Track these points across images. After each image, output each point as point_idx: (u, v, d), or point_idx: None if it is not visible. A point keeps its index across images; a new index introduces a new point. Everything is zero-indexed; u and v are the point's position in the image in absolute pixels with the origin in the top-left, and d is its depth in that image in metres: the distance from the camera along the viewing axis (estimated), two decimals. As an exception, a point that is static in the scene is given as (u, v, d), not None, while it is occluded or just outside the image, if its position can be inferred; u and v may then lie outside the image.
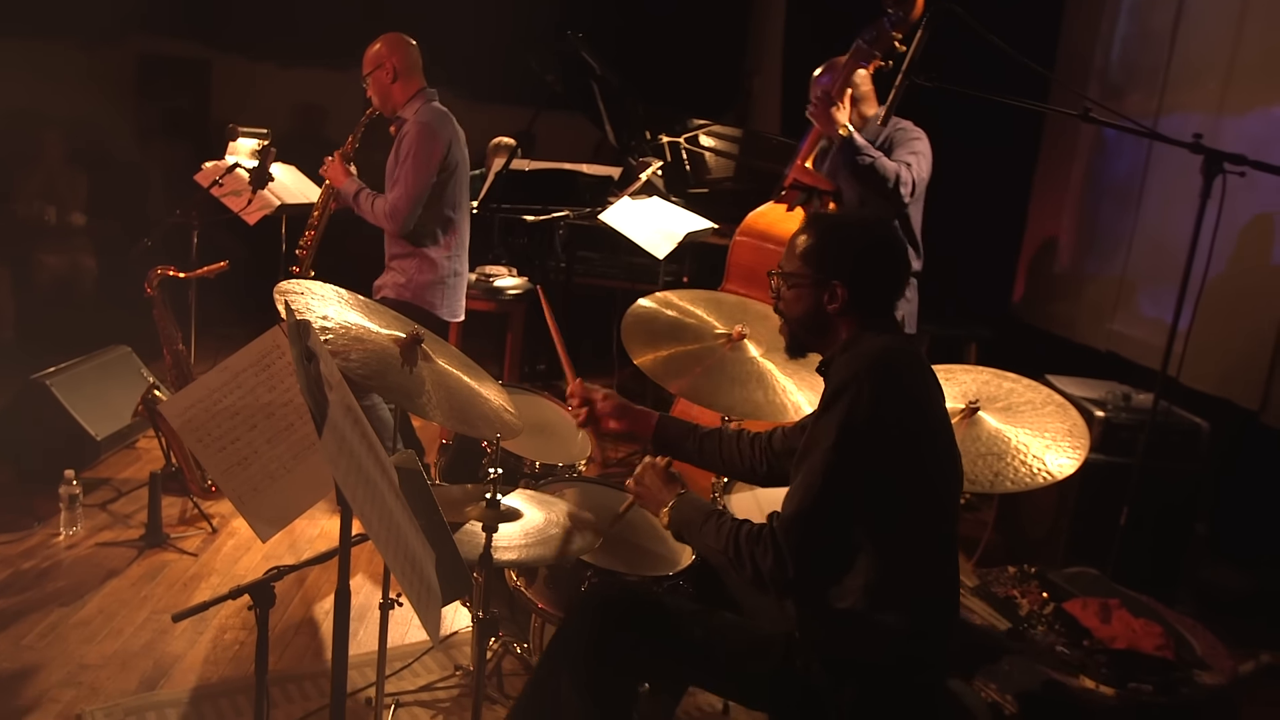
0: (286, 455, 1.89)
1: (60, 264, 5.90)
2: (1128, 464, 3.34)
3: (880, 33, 3.41)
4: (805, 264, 2.00)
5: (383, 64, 3.72)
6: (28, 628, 3.00)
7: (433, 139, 3.65)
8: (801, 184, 3.67)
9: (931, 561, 1.92)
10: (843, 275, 1.95)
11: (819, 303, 1.98)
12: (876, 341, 1.92)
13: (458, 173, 3.78)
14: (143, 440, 4.45)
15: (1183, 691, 2.23)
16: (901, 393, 1.86)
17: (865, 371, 1.83)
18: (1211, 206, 2.80)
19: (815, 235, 2.01)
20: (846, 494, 1.82)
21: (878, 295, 1.99)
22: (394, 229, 3.71)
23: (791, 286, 2.02)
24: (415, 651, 3.01)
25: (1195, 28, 4.46)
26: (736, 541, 1.91)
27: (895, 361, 1.88)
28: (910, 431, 1.85)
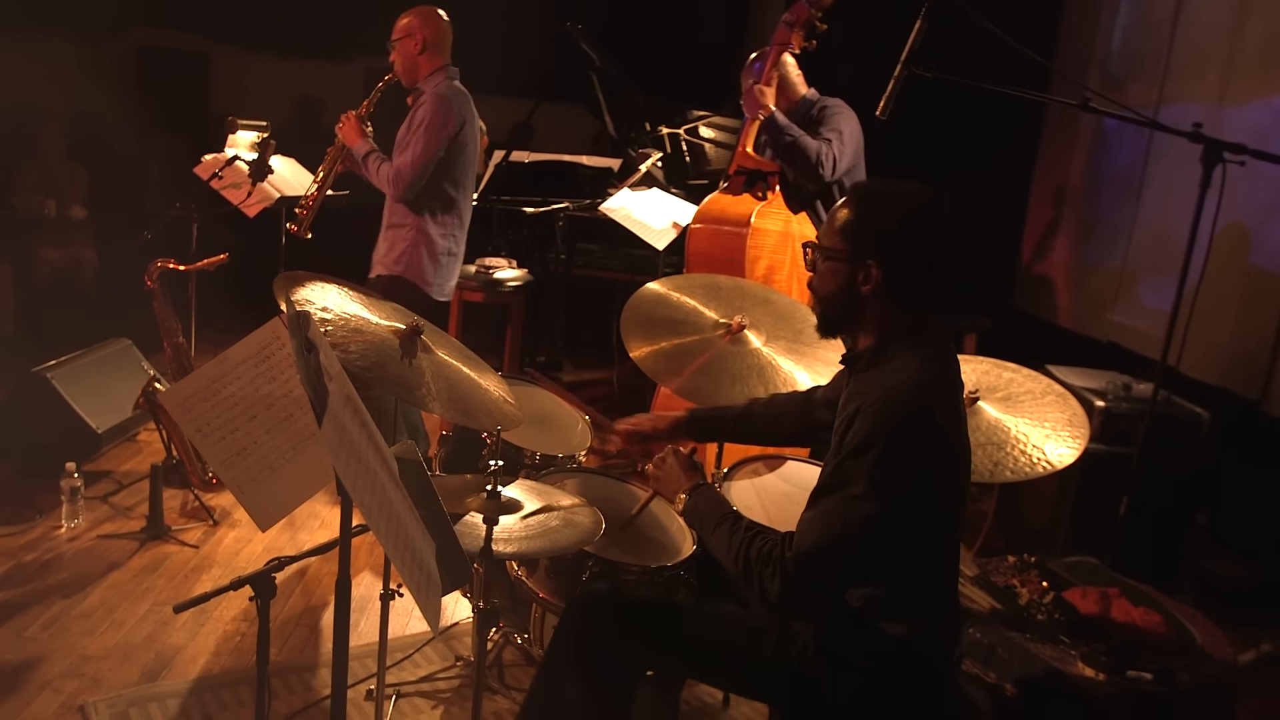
0: (286, 446, 1.90)
1: (60, 257, 5.90)
2: (1128, 453, 3.34)
3: (800, 14, 3.61)
4: (842, 238, 1.88)
5: (413, 34, 3.71)
6: (30, 619, 3.00)
7: (448, 112, 3.65)
8: (745, 169, 3.77)
9: (938, 566, 1.92)
10: (879, 255, 1.84)
11: (852, 281, 1.87)
12: (908, 365, 1.82)
13: (466, 152, 3.77)
14: (144, 433, 4.46)
15: (1182, 680, 2.23)
16: (933, 438, 1.80)
17: (900, 421, 1.75)
18: (1211, 196, 2.79)
19: (855, 208, 1.90)
20: (867, 537, 1.78)
21: (916, 286, 1.87)
22: (395, 194, 3.69)
23: (826, 260, 1.91)
24: (416, 642, 3.01)
25: (1196, 17, 4.45)
26: (747, 557, 1.87)
27: (928, 400, 1.80)
28: (937, 470, 1.82)
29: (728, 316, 2.82)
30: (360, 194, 4.48)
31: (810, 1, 3.59)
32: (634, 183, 5.18)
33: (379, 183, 3.72)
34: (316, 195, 3.88)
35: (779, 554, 1.82)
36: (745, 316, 2.80)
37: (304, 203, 3.90)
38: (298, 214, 3.90)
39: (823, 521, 1.79)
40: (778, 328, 2.83)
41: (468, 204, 3.90)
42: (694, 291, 2.92)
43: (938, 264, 1.89)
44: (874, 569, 1.84)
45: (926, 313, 1.90)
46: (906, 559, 1.84)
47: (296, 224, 3.90)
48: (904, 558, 1.84)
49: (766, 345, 2.78)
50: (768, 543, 1.86)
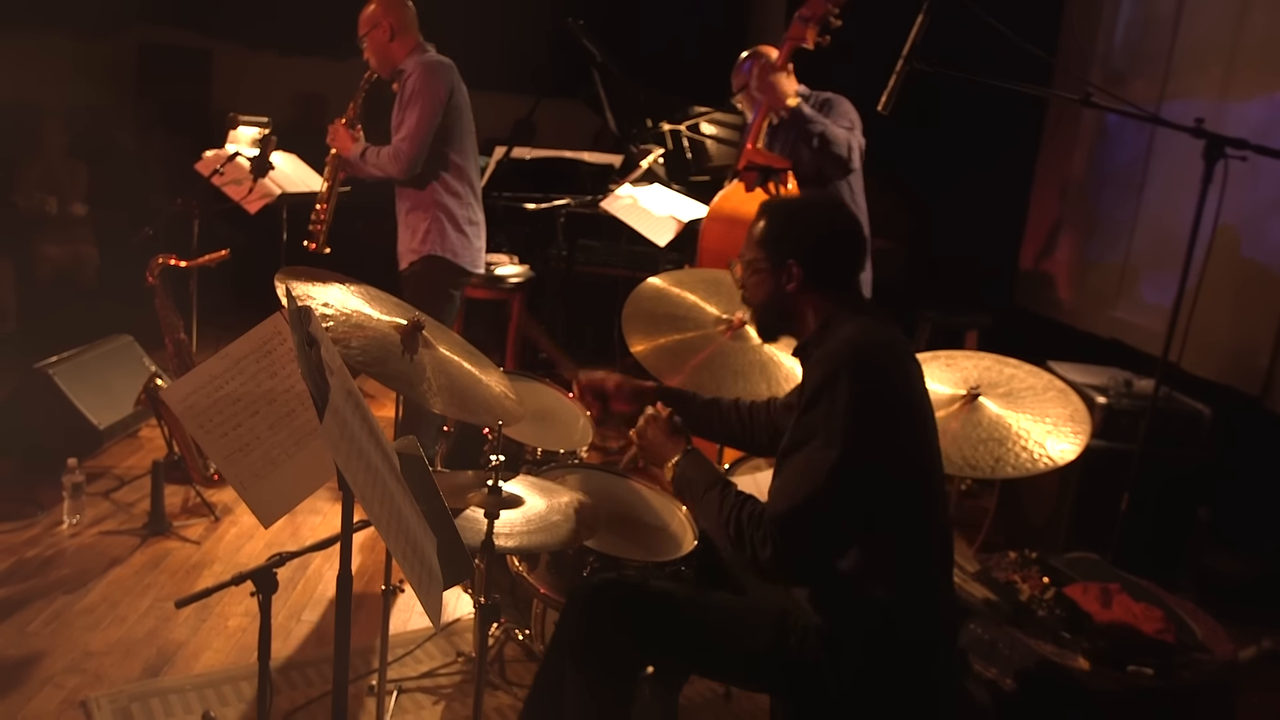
0: (288, 441, 1.90)
1: (61, 254, 5.90)
2: (1129, 450, 3.34)
3: (816, 9, 3.57)
4: (761, 248, 2.05)
5: (379, 23, 3.71)
6: (32, 615, 3.01)
7: (435, 78, 3.64)
8: (756, 164, 3.73)
9: (924, 543, 1.94)
10: (795, 253, 2.00)
11: (778, 284, 2.02)
12: (850, 329, 1.94)
13: (462, 117, 3.76)
14: (145, 429, 4.46)
15: (1183, 675, 2.23)
16: (880, 383, 1.87)
17: (842, 367, 1.85)
18: (1213, 192, 2.79)
19: (766, 219, 2.07)
20: (838, 489, 1.82)
21: (833, 268, 2.03)
22: (400, 171, 3.67)
23: (752, 273, 2.07)
24: (417, 638, 3.02)
25: (1199, 12, 4.44)
26: (738, 520, 1.91)
27: (871, 352, 1.89)
28: (892, 420, 1.87)
29: (729, 312, 2.82)
30: (359, 191, 4.49)
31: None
32: (635, 179, 5.18)
33: (381, 170, 3.70)
34: (326, 208, 3.89)
35: (764, 515, 1.88)
36: (745, 312, 2.80)
37: (316, 218, 3.92)
38: (312, 230, 3.92)
39: (792, 479, 1.86)
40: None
41: (475, 170, 3.88)
42: (695, 287, 2.93)
43: (845, 244, 2.05)
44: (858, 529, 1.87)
45: (855, 291, 2.05)
46: (882, 518, 1.87)
47: (314, 241, 3.92)
48: (879, 516, 1.87)
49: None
50: (757, 507, 1.91)
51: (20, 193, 5.87)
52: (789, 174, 3.71)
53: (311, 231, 3.92)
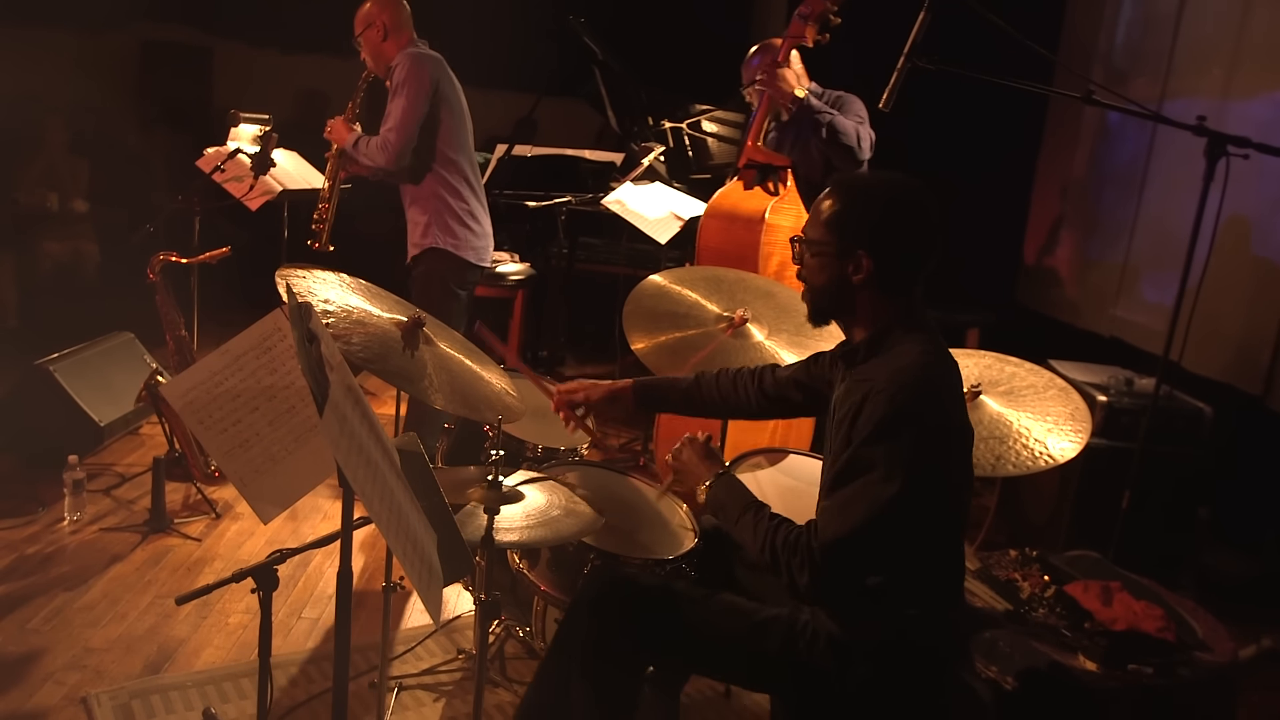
0: (288, 437, 1.90)
1: (63, 251, 5.91)
2: (1130, 448, 3.34)
3: (814, 6, 3.56)
4: (829, 230, 1.90)
5: (373, 23, 3.71)
6: (33, 611, 3.01)
7: (420, 69, 3.64)
8: (756, 162, 3.72)
9: (944, 555, 1.92)
10: (868, 245, 1.86)
11: (842, 273, 1.89)
12: (909, 350, 1.84)
13: (452, 109, 3.74)
14: (146, 426, 4.46)
15: (1183, 674, 2.23)
16: (941, 419, 1.82)
17: (911, 403, 1.77)
18: (1215, 190, 2.79)
19: (840, 199, 1.92)
20: (890, 520, 1.78)
21: (906, 271, 1.90)
22: (388, 160, 3.66)
23: (815, 254, 1.94)
24: (418, 635, 3.02)
25: (1201, 11, 4.44)
26: (774, 546, 1.86)
27: (935, 383, 1.82)
28: (945, 452, 1.83)
29: (730, 310, 2.82)
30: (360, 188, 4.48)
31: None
32: (636, 177, 5.17)
33: (371, 159, 3.70)
34: (328, 207, 3.89)
35: (805, 543, 1.82)
36: (747, 310, 2.80)
37: (319, 217, 3.91)
38: (315, 229, 3.91)
39: (845, 509, 1.79)
40: (780, 320, 2.83)
41: (471, 164, 3.87)
42: (696, 284, 2.92)
43: (925, 249, 1.91)
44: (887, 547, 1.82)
45: (916, 298, 1.92)
46: (918, 545, 1.84)
47: (316, 240, 3.91)
48: (916, 543, 1.83)
49: (769, 338, 2.78)
50: (793, 532, 1.86)
51: (21, 189, 5.87)
52: (788, 172, 3.72)
53: (314, 230, 3.92)
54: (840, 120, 3.61)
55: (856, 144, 3.62)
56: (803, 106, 3.62)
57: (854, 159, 3.66)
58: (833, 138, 3.62)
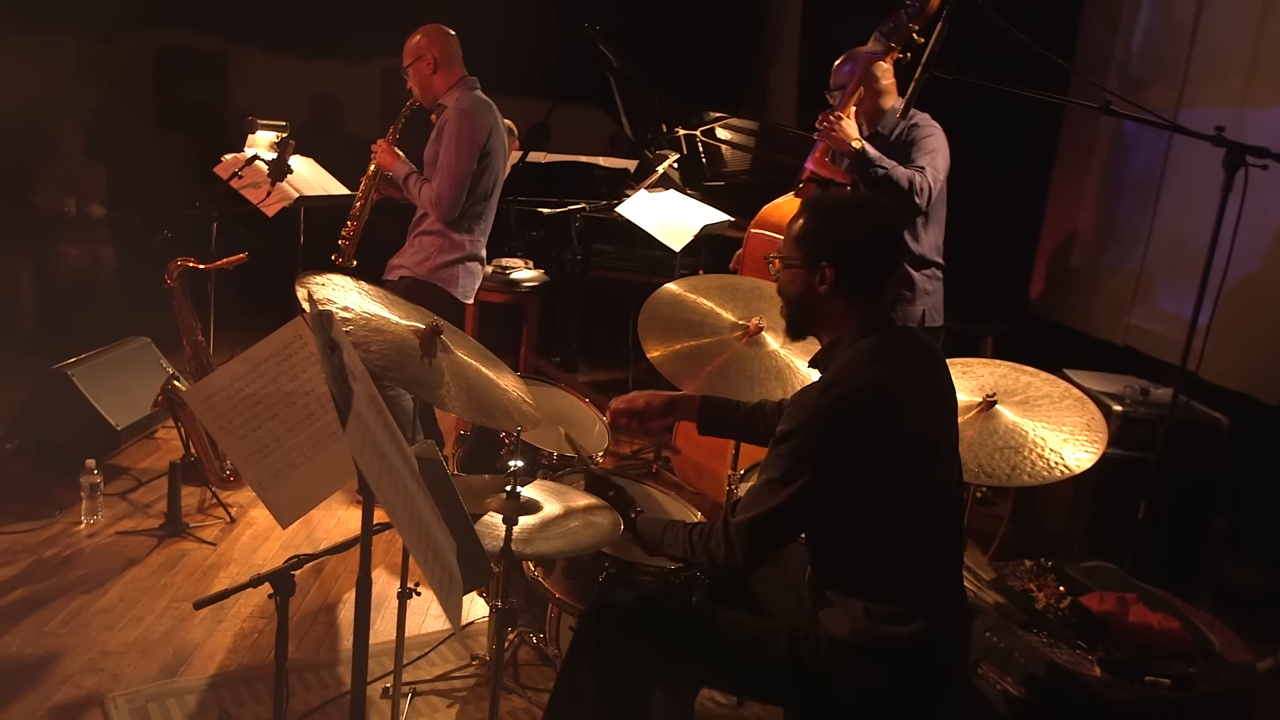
0: (307, 444, 1.91)
1: (80, 255, 5.95)
2: (1146, 459, 3.33)
3: (898, 25, 3.38)
4: (797, 246, 2.04)
5: (423, 55, 3.74)
6: (50, 614, 3.03)
7: (473, 125, 3.67)
8: (819, 177, 3.64)
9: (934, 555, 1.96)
10: (830, 256, 1.98)
11: (810, 284, 2.01)
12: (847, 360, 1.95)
13: (494, 161, 3.79)
14: (162, 430, 4.49)
15: (1200, 686, 2.22)
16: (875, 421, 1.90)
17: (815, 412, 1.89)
18: (1233, 200, 2.78)
19: (806, 218, 2.05)
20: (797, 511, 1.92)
21: (866, 274, 2.01)
22: (439, 216, 3.72)
23: (786, 268, 2.07)
24: (432, 641, 3.02)
25: (1218, 19, 4.43)
26: (691, 541, 2.05)
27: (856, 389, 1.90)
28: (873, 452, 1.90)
29: (745, 318, 2.82)
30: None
31: (910, 13, 3.34)
32: (650, 184, 5.19)
33: (420, 205, 3.77)
34: (356, 227, 3.91)
35: (719, 525, 2.00)
36: (763, 318, 2.79)
37: (346, 234, 3.93)
38: (341, 245, 3.93)
39: (754, 499, 1.96)
40: (796, 329, 2.83)
41: (492, 211, 3.92)
42: (710, 293, 2.92)
43: (881, 255, 2.04)
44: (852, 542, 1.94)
45: (879, 304, 2.03)
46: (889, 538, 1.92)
47: (340, 255, 3.92)
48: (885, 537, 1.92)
49: (784, 347, 2.77)
50: (707, 525, 2.07)
51: (39, 194, 5.91)
52: (848, 189, 3.62)
53: (340, 246, 3.93)
54: (894, 173, 3.37)
55: (908, 194, 3.37)
56: (860, 159, 3.39)
57: (911, 205, 3.42)
58: (884, 189, 3.38)
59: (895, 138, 3.56)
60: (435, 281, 3.77)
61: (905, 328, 2.07)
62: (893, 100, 3.64)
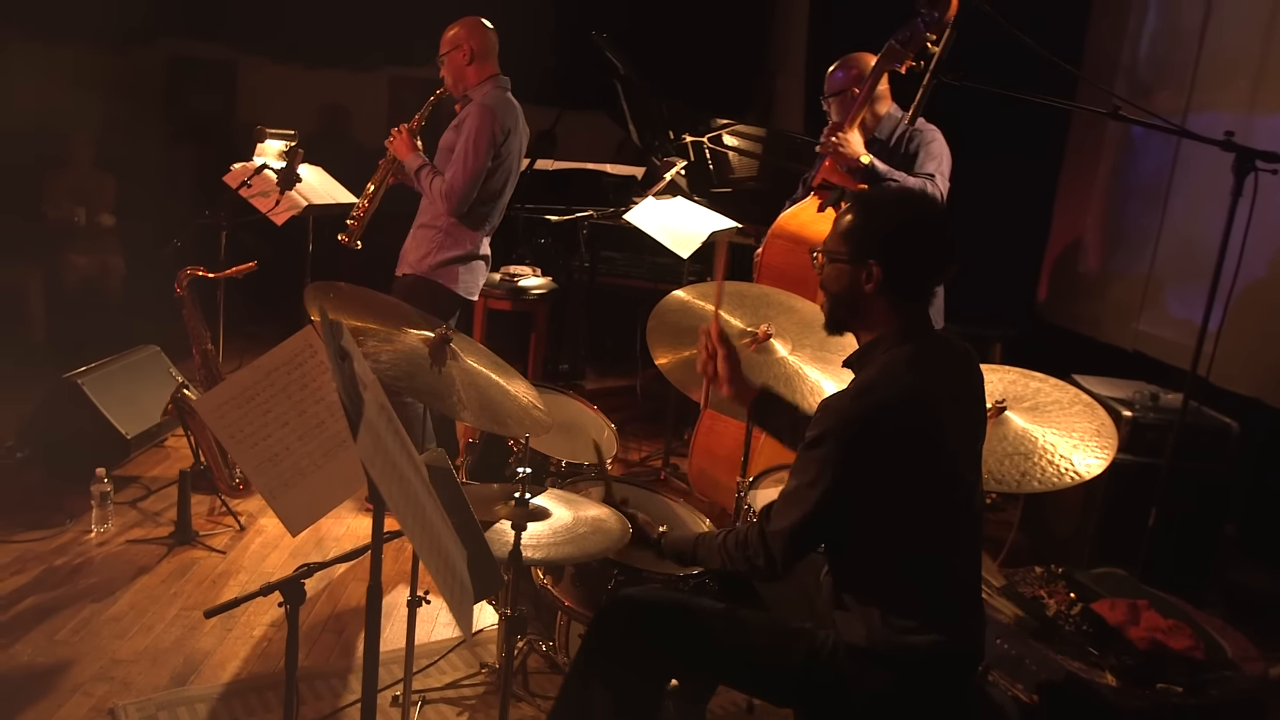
0: (317, 452, 1.91)
1: (90, 265, 5.97)
2: (1156, 464, 3.32)
3: (914, 33, 3.34)
4: (844, 241, 2.00)
5: (460, 46, 3.75)
6: (61, 623, 3.04)
7: (493, 122, 3.67)
8: (830, 183, 3.64)
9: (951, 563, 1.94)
10: (879, 254, 1.95)
11: (856, 281, 1.98)
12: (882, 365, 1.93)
13: (509, 162, 3.79)
14: (172, 439, 4.50)
15: (1212, 693, 2.21)
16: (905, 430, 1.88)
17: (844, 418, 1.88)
18: (1243, 205, 2.77)
19: (858, 213, 2.02)
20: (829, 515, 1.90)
21: (913, 276, 1.98)
22: (448, 209, 3.71)
23: (831, 263, 2.03)
24: (441, 649, 3.03)
25: (1226, 24, 4.42)
26: (729, 552, 2.02)
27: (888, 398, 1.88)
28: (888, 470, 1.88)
29: (753, 325, 2.82)
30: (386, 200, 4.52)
31: (926, 23, 3.31)
32: (658, 191, 5.19)
33: (431, 197, 3.76)
34: (368, 207, 3.91)
35: (755, 533, 1.97)
36: (771, 325, 2.79)
37: (356, 213, 3.92)
38: (349, 225, 3.91)
39: (787, 505, 1.94)
40: (803, 336, 2.83)
41: (499, 211, 3.91)
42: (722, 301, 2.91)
43: (934, 258, 2.00)
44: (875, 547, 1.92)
45: (923, 308, 2.00)
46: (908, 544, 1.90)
47: (347, 235, 3.91)
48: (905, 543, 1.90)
49: (793, 354, 2.77)
50: (732, 533, 2.04)
51: (50, 203, 5.94)
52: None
53: (349, 226, 3.92)
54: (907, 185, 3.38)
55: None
56: (868, 173, 3.41)
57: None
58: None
59: (894, 143, 3.58)
60: (435, 278, 3.77)
61: (945, 336, 2.04)
62: (887, 105, 3.68)
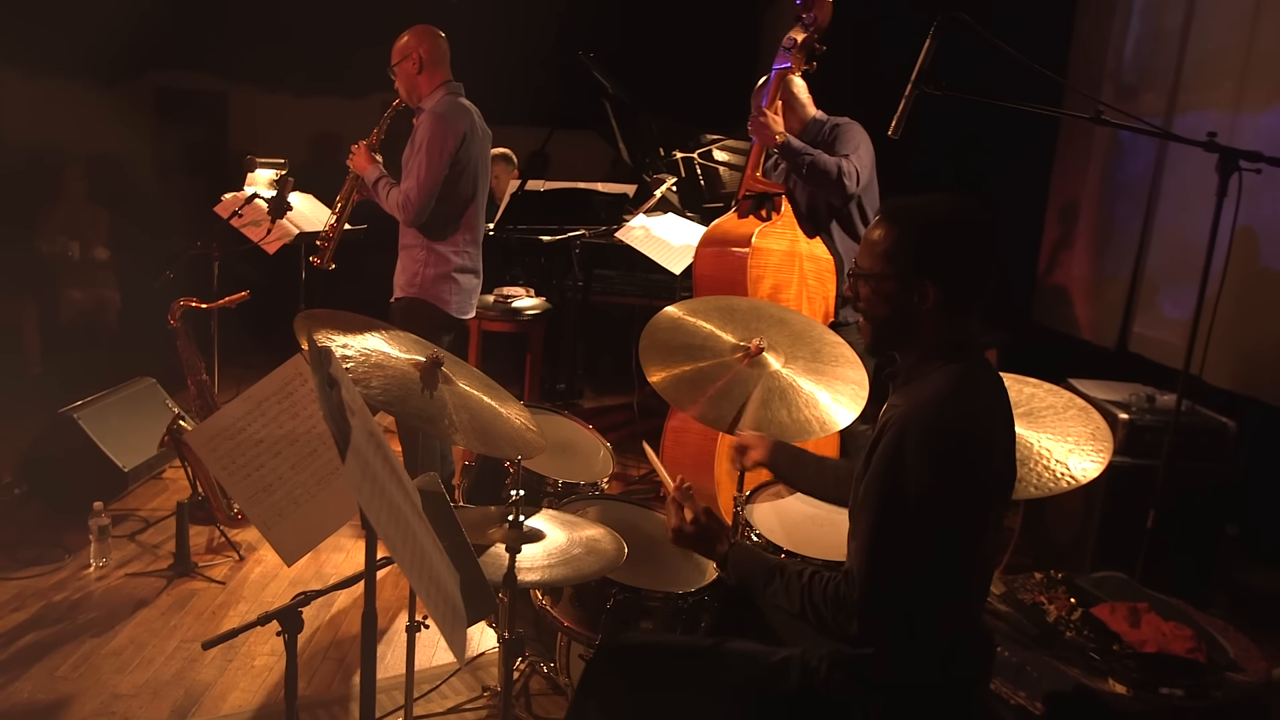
0: (310, 481, 1.91)
1: (85, 298, 5.99)
2: (1155, 466, 3.32)
3: (798, 38, 3.65)
4: (889, 262, 1.82)
5: (409, 55, 3.75)
6: (61, 659, 3.03)
7: (445, 130, 3.65)
8: (752, 192, 3.79)
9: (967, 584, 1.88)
10: (933, 273, 1.79)
11: (908, 303, 1.81)
12: (938, 380, 1.79)
13: (469, 168, 3.76)
14: (169, 471, 4.50)
15: (1215, 695, 2.20)
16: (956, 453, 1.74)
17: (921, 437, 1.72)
18: (1229, 204, 2.78)
19: (898, 228, 1.83)
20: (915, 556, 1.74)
21: (969, 294, 1.82)
22: (407, 219, 3.71)
23: (876, 288, 1.85)
24: (443, 673, 3.02)
25: (1208, 25, 4.44)
26: (813, 603, 1.82)
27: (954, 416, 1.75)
28: (964, 489, 1.75)
29: (745, 339, 2.82)
30: (379, 227, 4.53)
31: (806, 25, 3.64)
32: (649, 208, 5.21)
33: (391, 209, 3.74)
34: (336, 226, 3.91)
35: (844, 594, 1.78)
36: (763, 338, 2.79)
37: (325, 234, 3.93)
38: (319, 246, 3.93)
39: (871, 549, 1.76)
40: (795, 348, 2.83)
41: (477, 218, 3.88)
42: (710, 315, 2.92)
43: (987, 267, 1.84)
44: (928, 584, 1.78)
45: (972, 319, 1.86)
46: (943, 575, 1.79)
47: (319, 256, 3.93)
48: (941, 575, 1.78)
49: (786, 366, 2.77)
50: (825, 582, 1.82)
51: (43, 238, 5.96)
52: (782, 199, 3.77)
53: (319, 247, 3.93)
54: (819, 160, 3.65)
55: (838, 179, 3.64)
56: (784, 149, 3.70)
57: (840, 193, 3.70)
58: (814, 177, 3.68)
59: (819, 139, 3.81)
60: (427, 298, 3.77)
61: (984, 357, 1.90)
62: (812, 112, 3.92)
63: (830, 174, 3.65)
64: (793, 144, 3.69)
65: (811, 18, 3.63)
